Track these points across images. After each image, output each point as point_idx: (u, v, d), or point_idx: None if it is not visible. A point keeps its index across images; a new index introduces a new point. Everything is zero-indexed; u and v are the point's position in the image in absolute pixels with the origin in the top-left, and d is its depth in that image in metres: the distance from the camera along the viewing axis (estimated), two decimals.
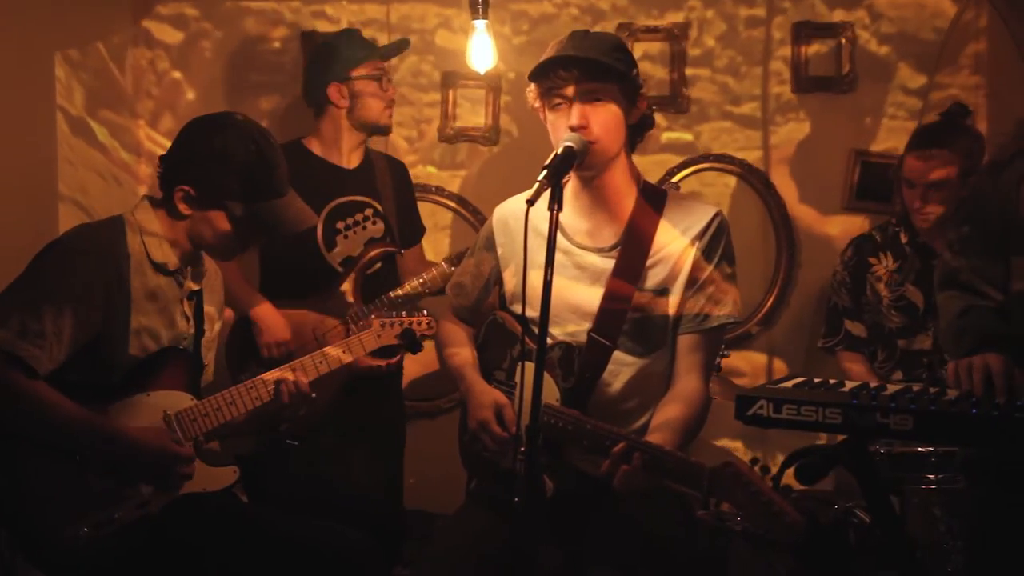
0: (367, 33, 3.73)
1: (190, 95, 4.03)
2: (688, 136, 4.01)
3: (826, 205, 4.02)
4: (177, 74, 4.03)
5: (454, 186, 4.07)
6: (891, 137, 3.92)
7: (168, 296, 2.56)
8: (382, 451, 3.54)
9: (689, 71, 3.98)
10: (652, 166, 3.96)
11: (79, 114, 3.70)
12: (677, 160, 4.00)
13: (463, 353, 2.63)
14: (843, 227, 3.93)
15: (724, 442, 3.99)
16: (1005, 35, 3.78)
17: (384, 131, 3.55)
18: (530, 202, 2.11)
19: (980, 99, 3.87)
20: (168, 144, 2.62)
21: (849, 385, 2.25)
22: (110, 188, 3.85)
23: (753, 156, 4.01)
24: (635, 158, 2.54)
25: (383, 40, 3.82)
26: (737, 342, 4.00)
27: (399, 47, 3.62)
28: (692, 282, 2.45)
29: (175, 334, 2.58)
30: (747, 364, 4.04)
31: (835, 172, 4.00)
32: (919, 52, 3.92)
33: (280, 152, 2.61)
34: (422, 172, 4.04)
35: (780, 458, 2.41)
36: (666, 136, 4.00)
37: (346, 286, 3.42)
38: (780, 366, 4.02)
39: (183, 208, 2.53)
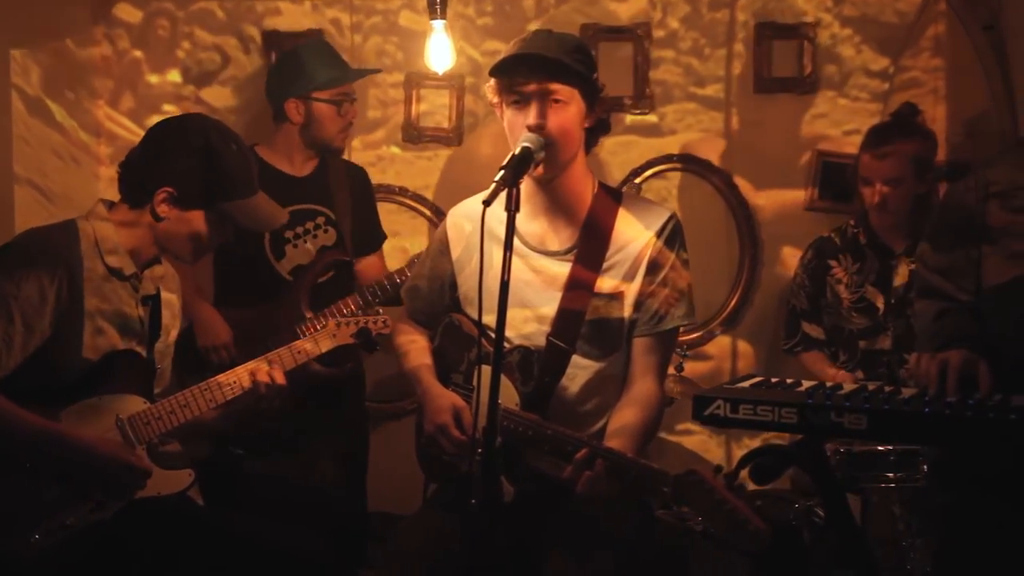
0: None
1: (150, 76, 3.98)
2: (653, 118, 4.01)
3: (789, 205, 4.04)
4: (137, 53, 3.97)
5: (417, 187, 4.05)
6: (854, 137, 3.95)
7: (122, 301, 2.53)
8: (344, 453, 3.53)
9: (653, 54, 3.99)
10: (616, 147, 3.96)
11: (36, 94, 3.64)
12: (640, 142, 4.00)
13: (419, 357, 2.62)
14: (806, 227, 3.95)
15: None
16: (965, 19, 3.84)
17: (336, 152, 3.53)
18: (486, 203, 2.10)
19: (940, 81, 3.91)
20: (129, 124, 2.59)
21: (805, 385, 2.26)
22: (68, 168, 3.78)
23: (716, 155, 4.01)
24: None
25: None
26: (701, 342, 4.02)
27: (369, 73, 3.59)
28: (646, 285, 2.45)
29: (129, 338, 2.55)
30: (710, 364, 4.05)
31: (798, 172, 4.01)
32: (881, 36, 3.95)
33: (250, 150, 2.63)
34: (383, 172, 4.02)
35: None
36: (630, 119, 4.00)
37: (296, 295, 3.39)
38: (744, 366, 4.04)
39: (164, 210, 2.50)
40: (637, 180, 3.97)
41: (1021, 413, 1.96)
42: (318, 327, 3.27)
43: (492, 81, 2.43)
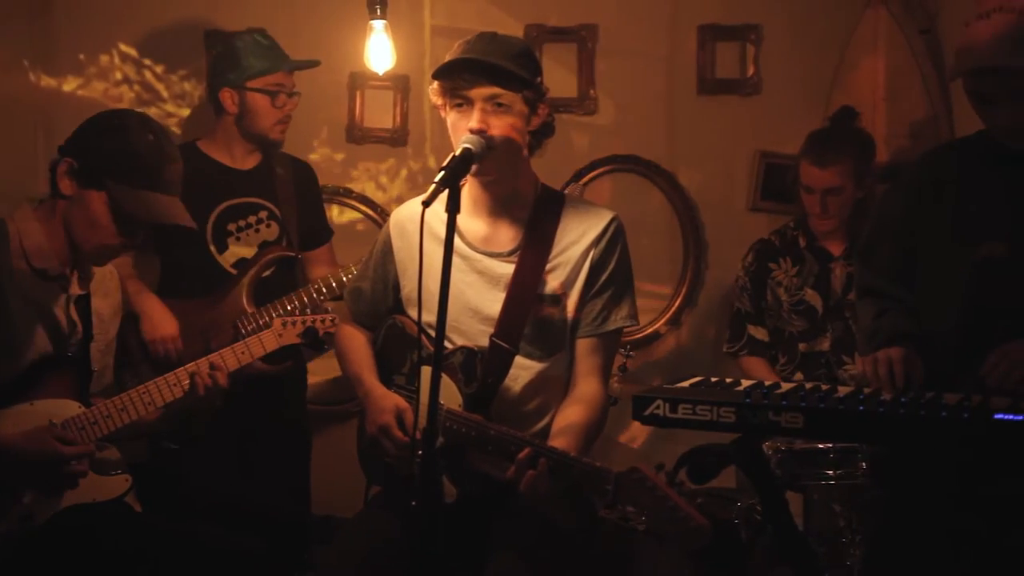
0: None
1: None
2: (597, 119, 4.02)
3: (732, 206, 4.08)
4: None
5: (361, 188, 4.03)
6: (797, 137, 4.00)
7: (50, 302, 2.48)
8: (286, 456, 3.50)
9: (598, 55, 4.00)
10: (561, 148, 3.96)
11: None
12: (584, 143, 4.02)
13: (361, 358, 2.60)
14: (749, 227, 3.98)
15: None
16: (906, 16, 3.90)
17: (273, 145, 3.49)
18: (425, 204, 2.09)
19: (880, 83, 3.97)
20: None
21: (744, 384, 2.28)
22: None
23: (660, 156, 4.04)
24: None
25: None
26: (646, 342, 4.04)
27: (306, 65, 3.55)
28: (589, 286, 2.46)
29: (59, 341, 2.50)
30: (655, 364, 4.07)
31: (740, 173, 4.06)
32: (822, 38, 4.00)
33: (178, 155, 2.58)
34: (328, 173, 3.99)
35: None
36: (574, 120, 4.01)
37: (238, 289, 3.36)
38: (689, 366, 4.06)
39: (64, 186, 2.45)
40: (581, 181, 3.98)
41: (952, 411, 2.00)
42: (260, 322, 3.25)
43: (435, 84, 2.42)
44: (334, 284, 3.37)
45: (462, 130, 2.35)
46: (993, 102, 2.24)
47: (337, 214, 3.96)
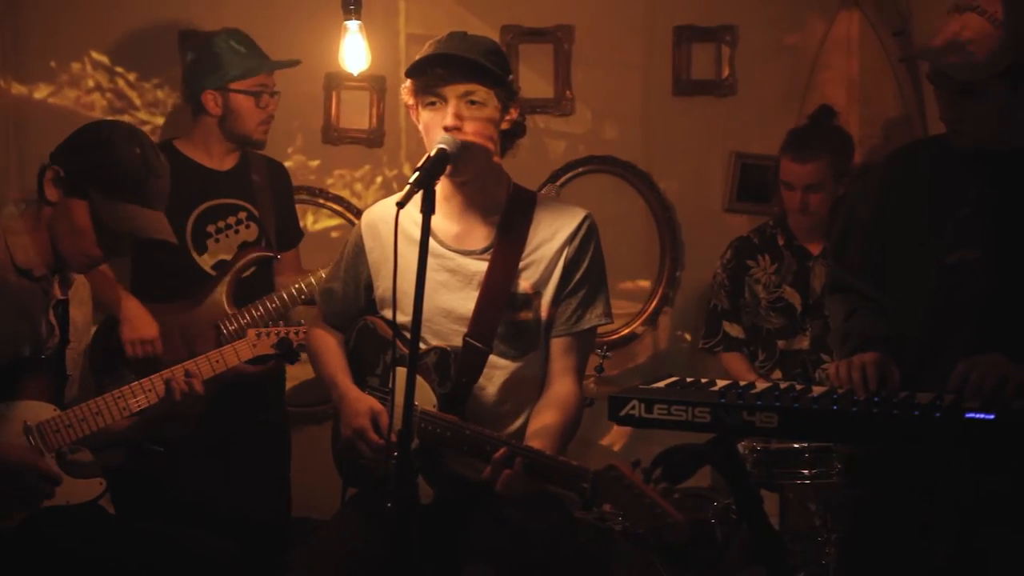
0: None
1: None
2: (573, 120, 4.02)
3: (708, 206, 4.10)
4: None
5: (337, 188, 4.01)
6: (772, 138, 4.02)
7: (32, 303, 2.47)
8: (264, 458, 3.48)
9: (574, 56, 4.00)
10: (537, 149, 3.96)
11: None
12: (561, 144, 4.02)
13: (334, 360, 2.59)
14: (725, 228, 4.00)
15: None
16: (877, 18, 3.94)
17: (256, 145, 3.48)
18: (400, 205, 2.08)
19: (854, 84, 4.00)
20: None
21: (719, 384, 2.29)
22: None
23: (637, 157, 4.05)
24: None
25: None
26: (623, 343, 4.05)
27: (286, 65, 3.54)
28: (563, 285, 2.46)
29: (38, 343, 2.49)
30: (632, 365, 4.08)
31: (716, 174, 4.07)
32: (798, 39, 4.02)
33: (166, 171, 2.57)
34: (303, 174, 3.98)
35: None
36: (550, 121, 4.01)
37: (219, 290, 3.34)
38: (665, 366, 4.08)
39: (50, 193, 2.45)
40: (558, 182, 3.99)
41: (925, 410, 2.02)
42: (241, 322, 3.23)
43: (408, 82, 2.42)
44: (315, 284, 3.35)
45: (436, 128, 2.35)
46: (942, 93, 2.26)
47: (312, 222, 3.95)
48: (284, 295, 3.35)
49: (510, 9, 4.00)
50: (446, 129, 2.32)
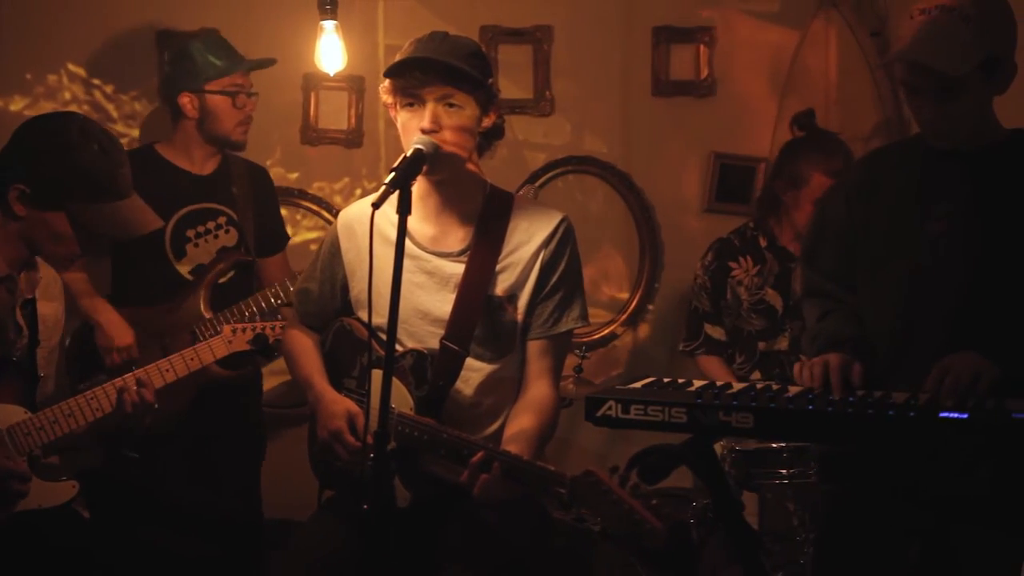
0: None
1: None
2: (553, 121, 4.02)
3: (688, 207, 4.11)
4: None
5: (316, 189, 4.00)
6: (751, 139, 4.04)
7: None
8: (239, 460, 3.46)
9: (553, 57, 4.00)
10: (517, 150, 3.96)
11: None
12: (540, 144, 4.02)
13: (310, 361, 2.58)
14: (704, 228, 4.01)
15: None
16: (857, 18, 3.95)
17: (236, 147, 3.46)
18: (375, 205, 2.08)
19: (832, 85, 4.01)
20: None
21: (696, 384, 2.28)
22: None
23: (616, 158, 4.05)
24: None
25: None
26: (602, 343, 4.05)
27: (262, 64, 3.52)
28: (540, 288, 2.46)
29: (6, 345, 2.46)
30: (612, 365, 4.08)
31: (695, 174, 4.08)
32: (776, 40, 4.03)
33: (123, 152, 2.54)
34: (281, 175, 3.96)
35: None
36: (530, 121, 4.01)
37: (196, 295, 3.32)
38: (646, 367, 4.08)
39: (18, 209, 2.41)
40: (537, 183, 3.98)
41: (900, 410, 2.02)
42: (217, 328, 3.22)
43: (386, 82, 2.41)
44: (292, 288, 3.33)
45: (413, 130, 2.34)
46: (919, 95, 2.27)
47: (291, 233, 3.94)
48: (260, 299, 3.33)
49: (489, 9, 4.00)
50: (423, 131, 2.31)
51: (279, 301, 3.33)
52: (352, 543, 2.36)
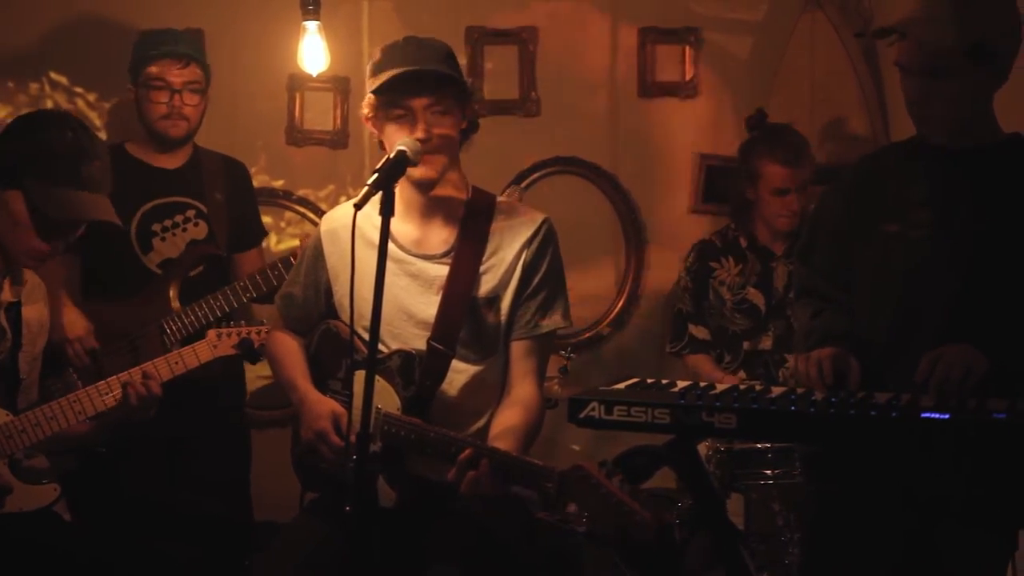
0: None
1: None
2: (538, 121, 4.02)
3: (673, 207, 4.11)
4: None
5: (300, 190, 3.99)
6: (736, 140, 4.04)
7: None
8: (225, 461, 3.45)
9: (538, 58, 4.00)
10: (502, 150, 3.94)
11: None
12: (526, 145, 4.02)
13: (294, 364, 2.57)
14: (690, 229, 4.01)
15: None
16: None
17: (167, 141, 3.37)
18: (357, 206, 2.07)
19: (816, 85, 4.02)
20: None
21: (680, 385, 2.29)
22: None
23: (602, 159, 4.05)
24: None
25: None
26: (588, 344, 4.05)
27: (185, 36, 3.43)
28: (522, 289, 2.46)
29: None
30: (598, 366, 4.08)
31: (681, 175, 4.08)
32: (760, 41, 4.05)
33: (103, 150, 2.54)
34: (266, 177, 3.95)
35: None
36: (515, 122, 4.00)
37: (166, 289, 3.30)
38: (631, 367, 4.08)
39: None
40: (523, 184, 3.98)
41: (882, 410, 2.03)
42: (185, 321, 3.20)
43: (371, 97, 2.40)
44: (260, 281, 3.30)
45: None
46: (910, 76, 2.27)
47: (275, 242, 3.93)
48: (229, 293, 3.29)
49: (474, 10, 4.00)
50: (421, 143, 2.30)
51: (248, 296, 3.31)
52: (335, 544, 2.36)
